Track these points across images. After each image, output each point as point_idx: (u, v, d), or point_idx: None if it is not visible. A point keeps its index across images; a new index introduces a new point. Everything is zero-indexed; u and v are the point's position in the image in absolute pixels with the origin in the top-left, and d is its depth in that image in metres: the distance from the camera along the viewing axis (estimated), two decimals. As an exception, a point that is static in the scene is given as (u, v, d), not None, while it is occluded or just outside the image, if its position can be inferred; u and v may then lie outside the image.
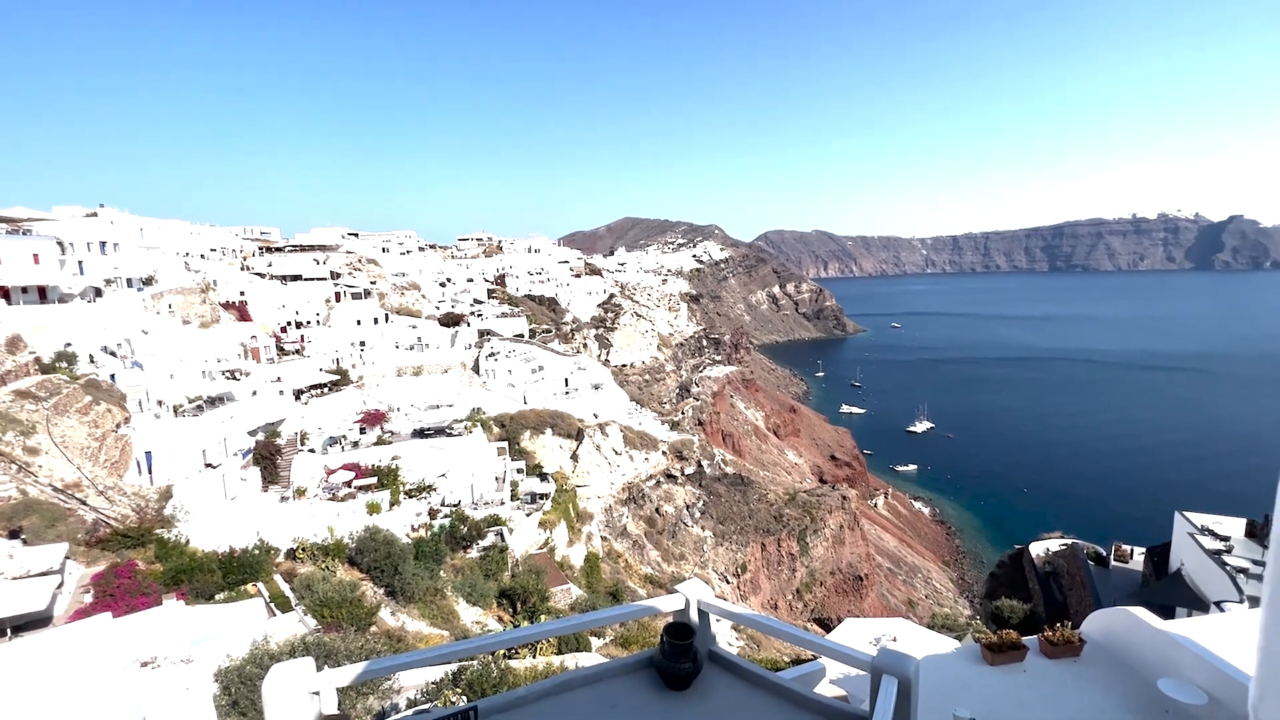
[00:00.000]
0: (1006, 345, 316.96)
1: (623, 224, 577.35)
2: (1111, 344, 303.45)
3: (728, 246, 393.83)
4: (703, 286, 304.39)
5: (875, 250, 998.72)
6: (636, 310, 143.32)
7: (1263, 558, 34.27)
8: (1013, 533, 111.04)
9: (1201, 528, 38.37)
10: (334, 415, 55.71)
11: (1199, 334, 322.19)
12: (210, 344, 56.29)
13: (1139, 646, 6.24)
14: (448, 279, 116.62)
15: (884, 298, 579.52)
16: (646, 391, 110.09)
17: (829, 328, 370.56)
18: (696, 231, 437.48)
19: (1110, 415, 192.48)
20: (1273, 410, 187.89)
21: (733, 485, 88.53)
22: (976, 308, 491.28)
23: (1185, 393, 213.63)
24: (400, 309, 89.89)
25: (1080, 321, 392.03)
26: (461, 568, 38.69)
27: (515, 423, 66.59)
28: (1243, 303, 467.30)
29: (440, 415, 58.42)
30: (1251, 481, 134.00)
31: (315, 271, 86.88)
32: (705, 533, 77.77)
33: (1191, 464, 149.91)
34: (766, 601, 77.62)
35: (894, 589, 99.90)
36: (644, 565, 66.07)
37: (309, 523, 36.35)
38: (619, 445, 75.36)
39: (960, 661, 6.74)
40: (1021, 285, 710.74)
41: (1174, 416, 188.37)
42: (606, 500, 70.74)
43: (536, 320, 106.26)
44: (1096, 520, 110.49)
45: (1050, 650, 6.58)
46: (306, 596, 25.62)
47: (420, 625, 28.74)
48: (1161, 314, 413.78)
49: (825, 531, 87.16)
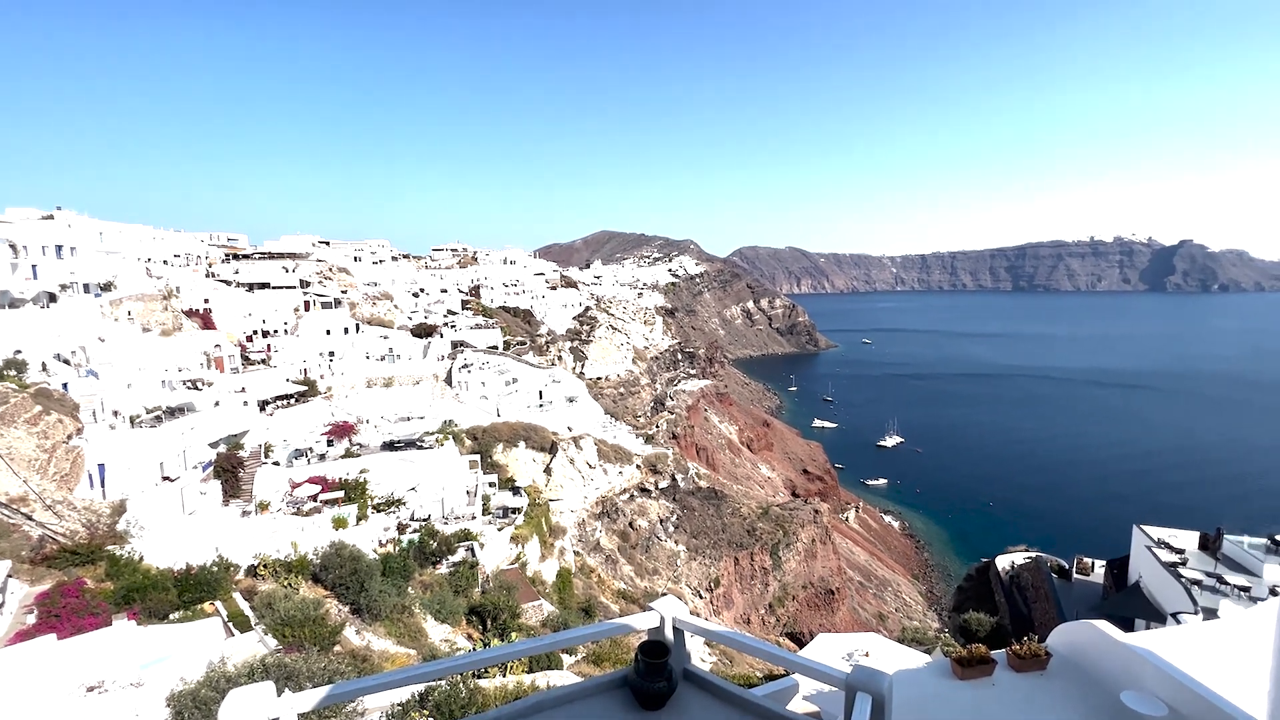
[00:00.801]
0: (972, 362, 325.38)
1: (599, 237, 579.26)
2: (1070, 362, 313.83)
3: (703, 261, 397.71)
4: (678, 300, 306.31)
5: (847, 267, 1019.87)
6: (612, 323, 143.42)
7: (1215, 570, 35.56)
8: (980, 546, 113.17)
9: (1158, 541, 39.67)
10: (300, 427, 54.28)
11: (1151, 353, 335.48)
12: (171, 353, 54.49)
13: (1102, 659, 6.39)
14: (421, 289, 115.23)
15: (855, 314, 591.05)
16: (621, 405, 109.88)
17: (802, 343, 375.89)
18: (672, 246, 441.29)
19: (1070, 430, 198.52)
20: (1218, 426, 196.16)
21: (706, 499, 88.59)
22: (943, 325, 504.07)
23: (1139, 409, 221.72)
24: (372, 319, 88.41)
25: (1041, 340, 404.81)
26: (430, 584, 37.81)
27: (488, 435, 65.75)
28: (1192, 324, 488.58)
29: (411, 427, 57.37)
30: (1201, 495, 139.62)
31: (284, 280, 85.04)
32: (679, 547, 77.52)
33: (1146, 478, 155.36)
34: (739, 616, 77.52)
35: (865, 602, 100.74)
36: (617, 580, 65.49)
37: (272, 538, 35.20)
38: (593, 459, 74.91)
39: (931, 676, 6.80)
40: (986, 304, 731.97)
41: (1129, 432, 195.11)
42: (580, 514, 70.11)
43: (511, 332, 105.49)
44: (1059, 533, 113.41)
45: (1018, 664, 6.69)
46: (267, 615, 24.71)
47: (386, 644, 27.95)
48: (1117, 333, 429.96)
49: (798, 545, 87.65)
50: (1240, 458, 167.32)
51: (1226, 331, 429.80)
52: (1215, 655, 6.57)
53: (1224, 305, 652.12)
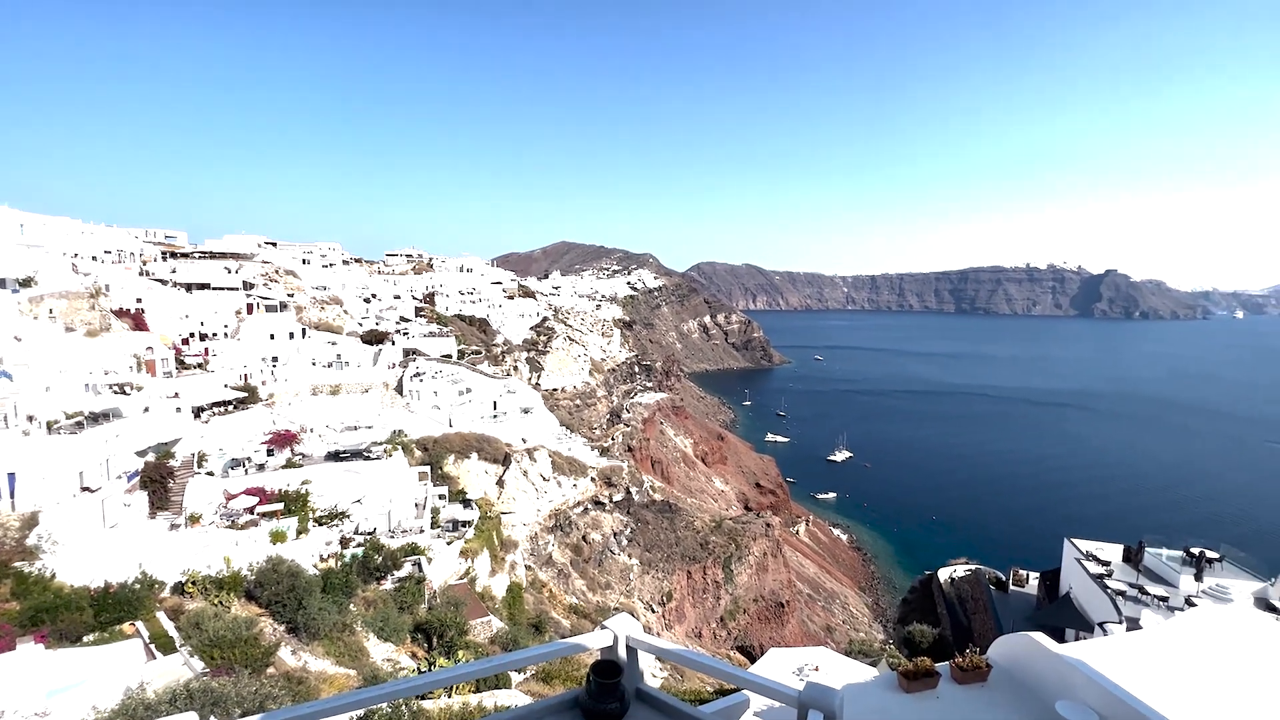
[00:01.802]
0: (917, 379, 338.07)
1: (558, 248, 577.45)
2: (1007, 381, 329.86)
3: (661, 275, 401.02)
4: (636, 313, 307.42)
5: (801, 285, 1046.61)
6: (569, 334, 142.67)
7: (1137, 581, 37.65)
8: (923, 559, 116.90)
9: (1086, 553, 41.73)
10: (239, 435, 51.65)
11: (1080, 374, 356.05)
12: (97, 355, 51.12)
13: (1038, 670, 6.63)
14: (373, 295, 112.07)
15: (808, 331, 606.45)
16: (577, 416, 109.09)
17: (756, 358, 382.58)
18: (631, 259, 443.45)
19: (1006, 446, 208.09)
20: (1141, 444, 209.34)
21: (660, 512, 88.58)
22: (891, 344, 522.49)
23: (1069, 427, 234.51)
24: (320, 324, 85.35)
25: (980, 359, 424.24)
26: (374, 600, 36.37)
27: (439, 446, 64.11)
28: (1116, 348, 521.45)
29: (358, 437, 55.40)
30: (1126, 508, 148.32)
31: (226, 281, 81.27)
32: (632, 561, 77.11)
33: (1077, 492, 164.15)
34: (691, 630, 77.49)
35: (814, 615, 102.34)
36: (569, 595, 64.55)
37: (202, 553, 33.22)
38: (547, 471, 73.97)
39: (878, 690, 6.92)
40: (930, 324, 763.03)
41: (1060, 448, 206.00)
42: (532, 528, 68.97)
43: (466, 341, 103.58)
44: (998, 546, 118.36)
45: (961, 676, 6.87)
46: (194, 636, 23.24)
47: (325, 664, 26.67)
48: (1049, 355, 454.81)
49: (749, 559, 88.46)
50: (1161, 473, 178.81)
51: (1147, 356, 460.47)
52: (1141, 665, 6.91)
53: (1144, 331, 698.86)
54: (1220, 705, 6.57)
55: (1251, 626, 9.10)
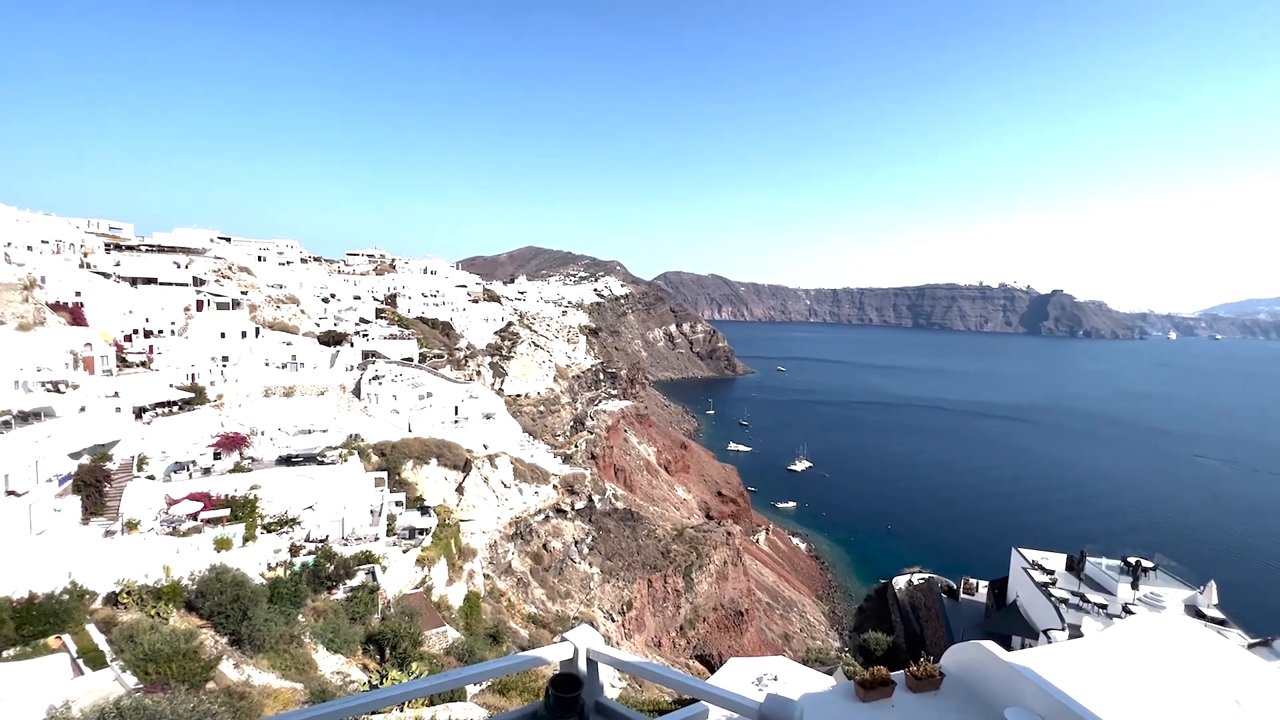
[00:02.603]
0: (875, 391, 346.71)
1: (525, 252, 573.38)
2: (960, 394, 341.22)
3: (629, 283, 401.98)
4: (602, 320, 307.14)
5: (765, 297, 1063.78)
6: (535, 340, 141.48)
7: (1079, 589, 39.21)
8: (879, 567, 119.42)
9: (1032, 563, 43.28)
10: (183, 437, 49.35)
11: (1028, 389, 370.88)
12: (30, 350, 48.25)
13: (989, 678, 6.83)
14: (332, 295, 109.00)
15: (771, 342, 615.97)
16: (540, 423, 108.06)
17: (721, 368, 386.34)
18: (599, 266, 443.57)
19: (959, 458, 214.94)
20: (1084, 457, 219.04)
21: (622, 521, 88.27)
22: (851, 356, 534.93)
23: (1018, 440, 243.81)
24: (275, 323, 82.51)
25: (935, 373, 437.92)
26: (324, 611, 35.09)
27: (397, 452, 62.56)
28: (1061, 365, 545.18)
29: (312, 441, 53.58)
30: (1068, 518, 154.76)
31: (175, 276, 77.86)
32: (593, 569, 76.52)
33: (1023, 502, 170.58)
34: (650, 639, 77.25)
35: (772, 623, 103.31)
36: (528, 604, 63.62)
37: (140, 561, 31.53)
38: (508, 478, 72.96)
39: (836, 699, 7.01)
40: (889, 338, 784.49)
41: (1009, 460, 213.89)
42: (492, 535, 67.83)
43: (428, 344, 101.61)
44: (950, 555, 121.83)
45: (915, 685, 7.03)
46: (128, 649, 21.98)
47: (270, 678, 25.56)
48: (999, 370, 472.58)
49: (710, 568, 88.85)
50: (1100, 485, 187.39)
51: (1090, 373, 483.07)
52: (1083, 671, 7.18)
53: (1087, 349, 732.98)
54: (1155, 709, 6.88)
55: (1182, 633, 9.59)
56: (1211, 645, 9.15)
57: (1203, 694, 7.40)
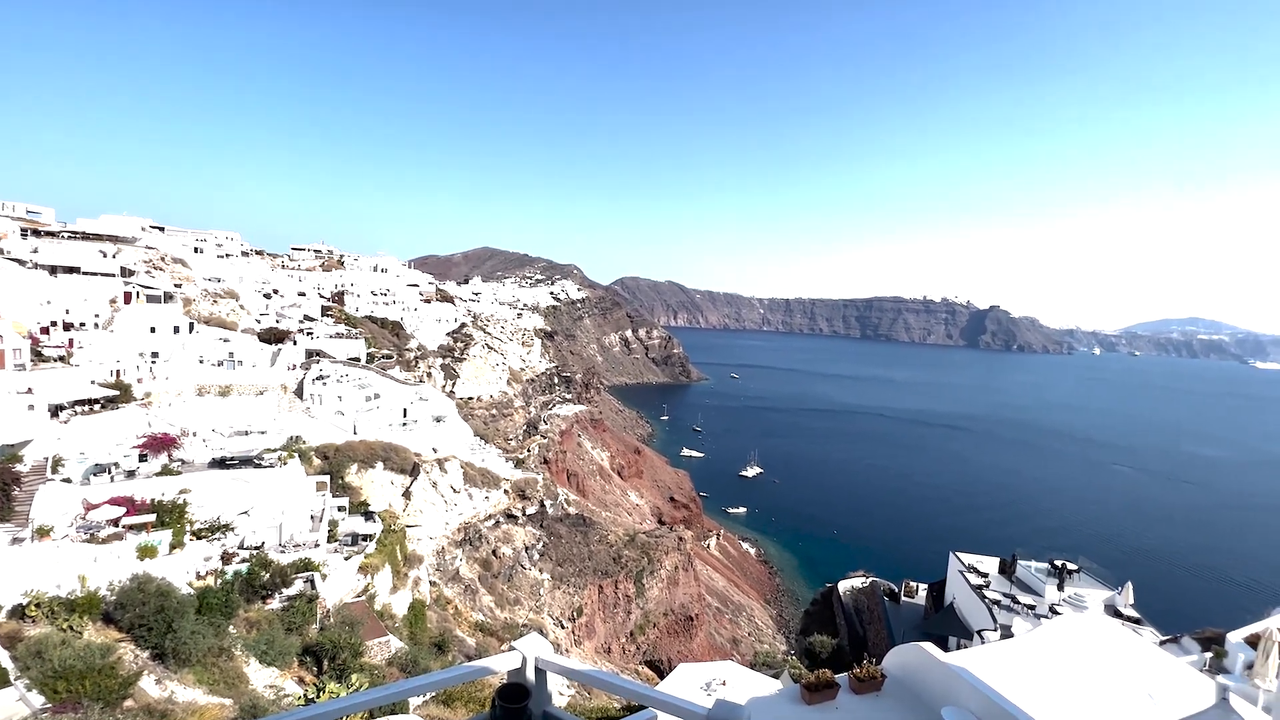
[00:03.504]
0: (823, 399, 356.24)
1: (480, 253, 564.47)
2: (903, 403, 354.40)
3: (585, 287, 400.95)
4: (558, 324, 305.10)
5: (720, 305, 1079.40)
6: (488, 342, 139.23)
7: (1010, 591, 41.14)
8: (825, 572, 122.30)
9: (968, 566, 45.17)
10: (106, 438, 46.25)
11: (966, 400, 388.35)
12: (-71, 341, 44.41)
13: (927, 678, 7.08)
14: (274, 290, 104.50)
15: (725, 349, 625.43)
16: (493, 427, 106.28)
17: (675, 374, 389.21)
18: (556, 269, 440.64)
19: (901, 464, 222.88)
20: (1016, 464, 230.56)
21: (574, 526, 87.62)
22: (802, 365, 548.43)
23: (956, 447, 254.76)
24: (211, 319, 78.46)
25: (881, 383, 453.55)
26: (258, 621, 33.43)
27: (341, 455, 60.37)
28: (997, 377, 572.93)
29: (249, 443, 51.10)
30: (1001, 522, 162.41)
31: (101, 265, 73.03)
32: (543, 575, 75.59)
33: (961, 506, 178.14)
34: (600, 646, 76.80)
35: (721, 627, 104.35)
36: (475, 612, 62.27)
37: (52, 571, 29.33)
38: (458, 482, 71.38)
39: (783, 703, 7.12)
40: (838, 348, 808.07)
41: (948, 466, 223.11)
42: (440, 541, 66.19)
43: (377, 344, 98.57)
44: (893, 559, 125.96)
45: (858, 686, 7.22)
46: (35, 666, 20.37)
47: (195, 694, 24.15)
48: (940, 381, 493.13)
49: (661, 573, 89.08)
50: (1030, 490, 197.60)
51: (1023, 385, 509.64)
52: (1014, 670, 7.54)
53: (1021, 363, 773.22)
54: (1078, 705, 7.30)
55: (1102, 632, 10.22)
56: (1128, 643, 9.77)
57: (1120, 689, 7.88)
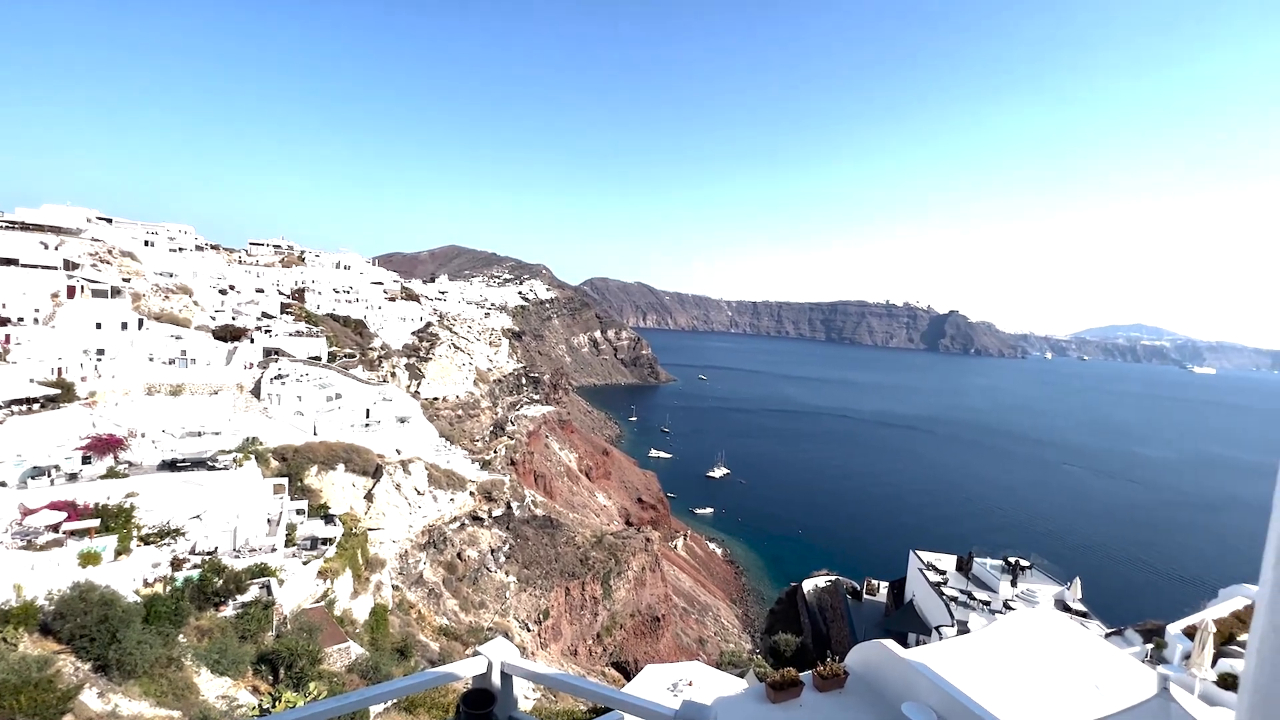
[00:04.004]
0: (789, 401, 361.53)
1: (447, 251, 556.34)
2: (866, 405, 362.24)
3: (554, 287, 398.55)
4: (526, 324, 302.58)
5: (689, 307, 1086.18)
6: (455, 342, 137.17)
7: (967, 587, 42.41)
8: (790, 571, 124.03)
9: (927, 564, 46.41)
10: (45, 439, 44.02)
11: (926, 402, 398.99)
12: None
13: (888, 675, 7.27)
14: (231, 286, 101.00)
15: (694, 351, 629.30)
16: (458, 428, 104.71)
17: (644, 375, 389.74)
18: (524, 269, 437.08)
19: (863, 464, 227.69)
20: (970, 463, 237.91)
21: (541, 528, 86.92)
22: (768, 366, 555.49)
23: (916, 448, 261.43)
24: (163, 315, 75.39)
25: (845, 385, 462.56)
26: (210, 630, 32.22)
27: (300, 456, 58.69)
28: (954, 380, 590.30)
29: (202, 444, 49.26)
30: (959, 520, 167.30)
31: (41, 258, 69.52)
32: (509, 578, 74.78)
33: (921, 504, 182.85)
34: (567, 648, 76.34)
35: (687, 628, 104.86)
36: (439, 616, 61.24)
37: (-16, 580, 27.78)
38: (422, 484, 70.10)
39: (748, 702, 7.22)
40: (804, 350, 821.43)
41: (909, 466, 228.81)
42: (403, 545, 64.92)
43: (339, 343, 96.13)
44: (855, 557, 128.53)
45: (821, 684, 7.36)
46: (-35, 681, 19.23)
47: (141, 707, 23.15)
48: (902, 383, 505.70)
49: (628, 574, 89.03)
50: (986, 489, 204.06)
51: (980, 388, 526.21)
52: (971, 664, 7.79)
53: (979, 366, 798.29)
54: (1030, 697, 7.58)
55: (1052, 626, 10.64)
56: (1075, 637, 10.20)
57: (1068, 681, 8.22)
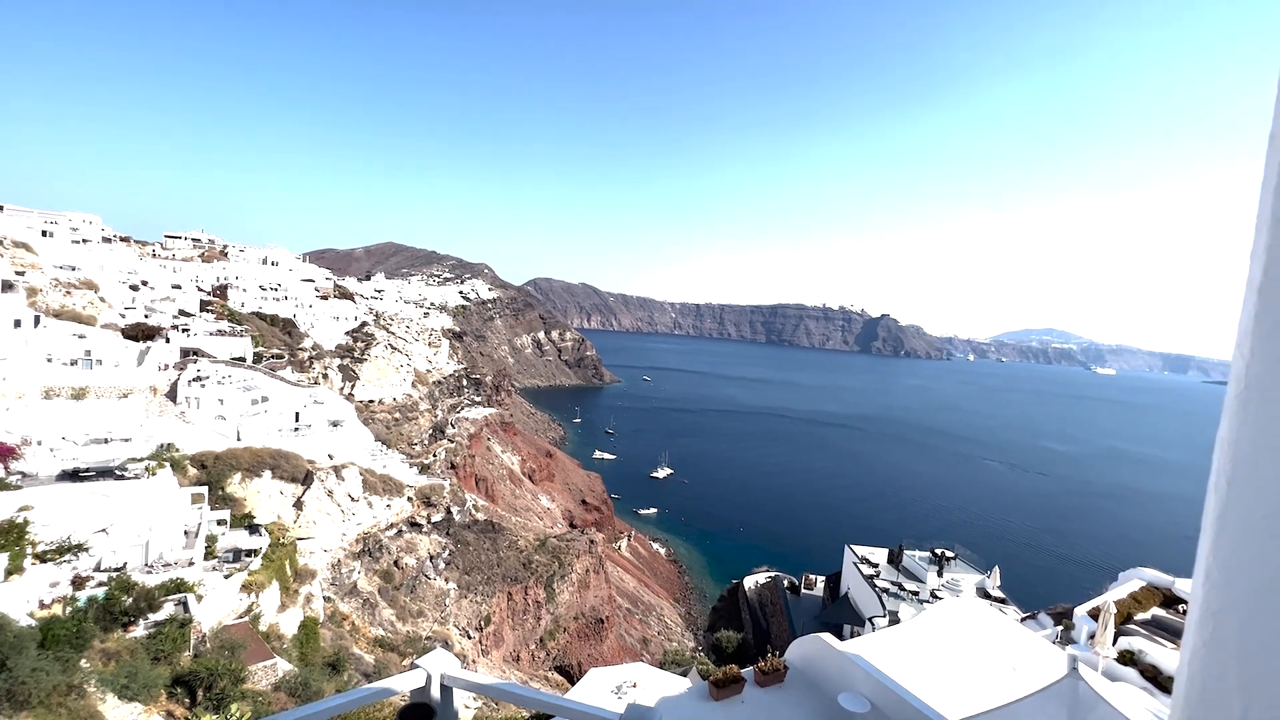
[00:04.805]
0: (731, 401, 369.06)
1: (384, 248, 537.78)
2: (803, 405, 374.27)
3: (497, 287, 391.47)
4: (468, 324, 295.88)
5: (633, 308, 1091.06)
6: (392, 342, 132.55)
7: (897, 579, 44.42)
8: (732, 568, 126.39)
9: (861, 558, 48.32)
10: (-81, 448, 39.63)
11: (860, 401, 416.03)
12: None
13: (825, 667, 7.54)
14: (143, 282, 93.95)
15: (638, 352, 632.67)
16: (396, 431, 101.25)
17: (588, 376, 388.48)
18: (466, 268, 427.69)
19: (802, 462, 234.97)
20: (899, 460, 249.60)
21: (483, 532, 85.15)
22: (710, 367, 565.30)
23: (850, 445, 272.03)
24: (63, 312, 69.25)
25: (783, 385, 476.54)
26: (118, 652, 29.83)
27: (222, 463, 55.24)
28: (888, 381, 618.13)
29: (109, 452, 45.61)
30: (890, 514, 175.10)
31: (-86, 246, 62.60)
32: (449, 585, 72.85)
33: (854, 497, 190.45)
34: (509, 654, 75.09)
35: (631, 628, 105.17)
36: (375, 627, 58.97)
37: None
38: (357, 490, 67.36)
39: (691, 701, 7.31)
40: (745, 352, 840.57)
41: (845, 464, 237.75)
42: (335, 554, 62.17)
43: (266, 343, 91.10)
44: (794, 553, 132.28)
45: (762, 680, 7.54)
46: None
47: (38, 740, 21.17)
48: (837, 384, 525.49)
49: (572, 577, 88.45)
50: (914, 484, 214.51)
51: (909, 388, 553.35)
52: (902, 653, 8.19)
53: (909, 367, 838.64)
54: (955, 680, 8.04)
55: (974, 613, 11.33)
56: (995, 622, 10.89)
57: (989, 664, 8.77)
